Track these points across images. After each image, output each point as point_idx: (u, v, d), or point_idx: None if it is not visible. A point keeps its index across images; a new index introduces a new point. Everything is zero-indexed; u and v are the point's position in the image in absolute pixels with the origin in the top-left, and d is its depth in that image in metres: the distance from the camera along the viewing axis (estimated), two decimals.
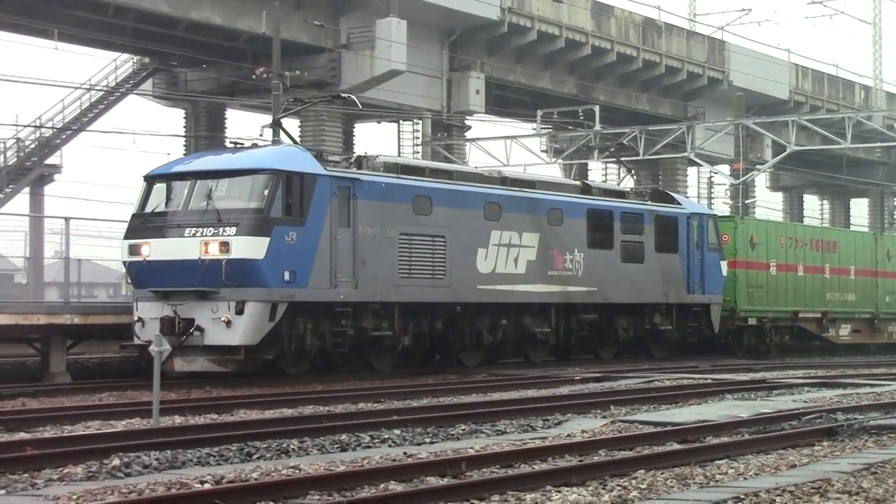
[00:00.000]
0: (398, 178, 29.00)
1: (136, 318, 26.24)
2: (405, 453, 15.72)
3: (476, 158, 54.89)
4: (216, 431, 17.35)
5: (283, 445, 16.11)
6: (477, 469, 14.14)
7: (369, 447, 16.53)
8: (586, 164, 61.89)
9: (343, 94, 33.89)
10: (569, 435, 17.84)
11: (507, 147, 55.54)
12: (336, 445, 16.48)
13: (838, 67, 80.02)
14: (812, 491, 12.43)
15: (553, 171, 57.04)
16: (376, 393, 24.49)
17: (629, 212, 35.85)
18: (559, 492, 12.59)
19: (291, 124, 50.38)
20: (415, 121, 55.29)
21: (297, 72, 44.61)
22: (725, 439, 17.14)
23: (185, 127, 54.27)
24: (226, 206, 25.94)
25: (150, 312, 25.91)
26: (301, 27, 46.65)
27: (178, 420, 19.46)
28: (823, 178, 78.89)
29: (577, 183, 37.21)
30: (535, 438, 17.48)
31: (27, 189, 51.58)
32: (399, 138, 56.70)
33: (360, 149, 52.46)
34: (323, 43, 47.96)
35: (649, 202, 37.34)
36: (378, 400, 23.27)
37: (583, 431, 18.29)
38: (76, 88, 49.62)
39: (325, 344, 27.38)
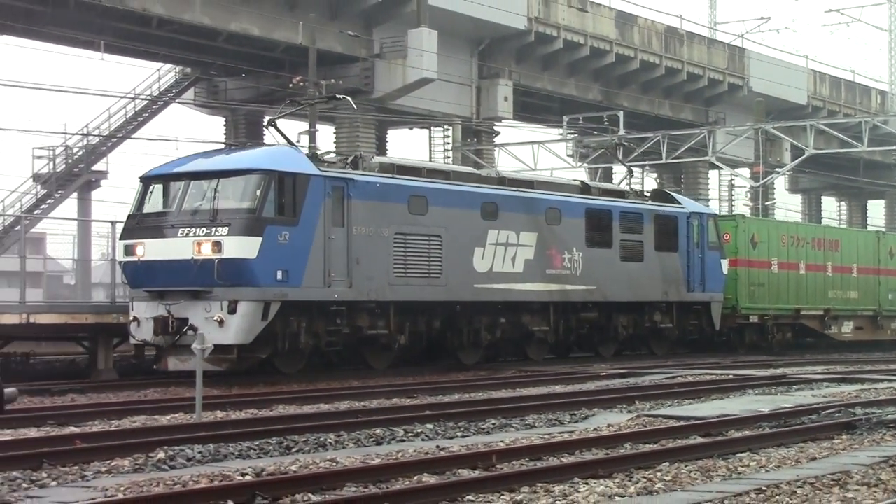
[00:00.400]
0: (393, 178, 28.32)
1: (131, 318, 25.72)
2: (438, 447, 15.71)
3: (504, 163, 54.88)
4: (256, 426, 17.37)
5: (321, 439, 16.13)
6: (507, 462, 14.12)
7: (403, 441, 16.52)
8: (611, 168, 61.72)
9: (338, 96, 32.84)
10: (595, 429, 17.81)
11: (534, 151, 55.66)
12: (371, 439, 16.48)
13: (855, 73, 79.74)
14: (832, 483, 12.39)
15: (579, 174, 56.93)
16: (409, 389, 24.50)
17: (628, 211, 35.07)
18: (587, 484, 12.57)
19: (327, 131, 50.59)
20: (445, 127, 55.30)
21: (333, 80, 44.77)
22: (747, 433, 17.06)
23: (225, 134, 54.36)
24: (218, 206, 25.27)
25: (145, 312, 25.32)
26: (336, 38, 46.71)
27: (219, 415, 19.50)
28: (841, 180, 78.45)
29: (577, 183, 36.41)
30: (563, 432, 17.45)
31: (75, 194, 51.79)
32: (430, 144, 56.77)
33: (392, 154, 52.52)
34: (357, 52, 48.02)
35: (649, 202, 36.68)
36: (411, 396, 23.29)
37: (609, 425, 18.25)
38: (121, 98, 49.87)
39: (319, 343, 26.80)
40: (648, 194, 38.10)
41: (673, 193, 40.51)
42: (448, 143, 55.72)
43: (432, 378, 27.81)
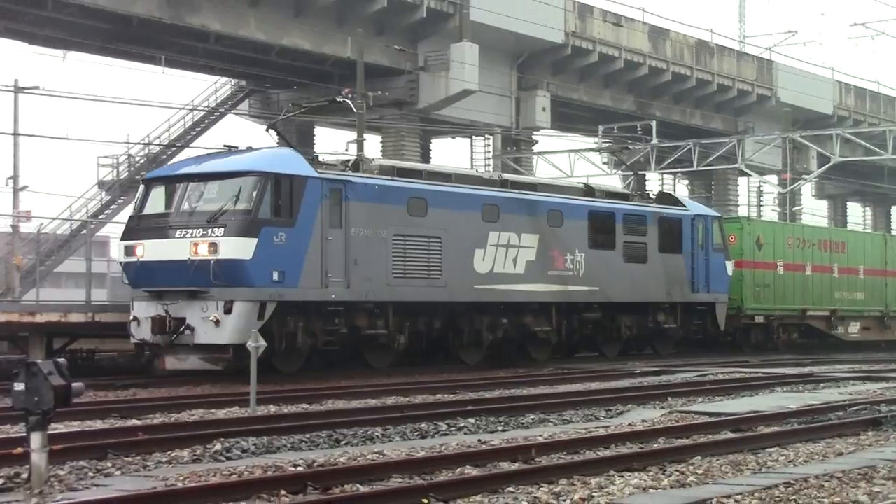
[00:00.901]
0: (392, 180, 27.48)
1: (131, 318, 25.13)
2: (479, 440, 15.71)
3: (542, 170, 54.88)
4: (307, 420, 17.41)
5: (368, 433, 16.14)
6: (546, 455, 14.10)
7: (446, 434, 16.53)
8: (643, 175, 61.48)
9: (338, 99, 31.98)
10: (630, 424, 17.75)
11: (570, 160, 55.58)
12: (416, 433, 16.49)
13: (879, 84, 79.01)
14: (858, 477, 12.30)
15: (613, 181, 56.79)
16: (452, 385, 24.48)
17: (632, 213, 34.05)
18: (622, 476, 12.53)
19: (373, 140, 50.67)
20: (486, 136, 55.30)
21: (379, 92, 44.82)
22: (776, 429, 16.98)
23: (277, 143, 54.43)
24: (215, 207, 24.52)
25: (144, 312, 24.68)
26: (382, 51, 46.79)
27: (272, 409, 19.55)
28: (866, 186, 78.01)
29: (580, 185, 35.53)
30: (599, 427, 17.41)
31: None
32: (472, 152, 56.75)
33: (436, 162, 52.57)
34: (402, 65, 48.08)
35: (652, 204, 35.67)
36: (454, 391, 23.26)
37: (643, 421, 18.19)
38: (180, 109, 50.11)
39: (317, 342, 26.02)
40: (653, 197, 37.23)
41: (678, 196, 39.62)
42: (489, 152, 55.73)
43: (474, 375, 27.78)
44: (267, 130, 27.93)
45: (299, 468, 12.84)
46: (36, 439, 11.39)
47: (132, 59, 45.67)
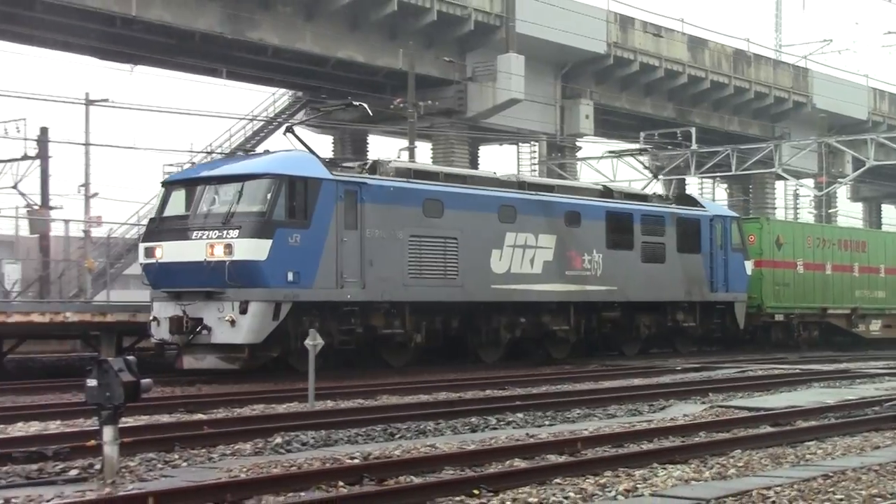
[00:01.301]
0: (407, 182, 26.76)
1: (151, 318, 24.71)
2: (527, 434, 15.69)
3: (586, 175, 54.74)
4: (363, 414, 17.45)
5: (421, 427, 16.17)
6: (591, 448, 14.07)
7: (496, 429, 16.52)
8: (683, 180, 61.27)
9: (354, 103, 30.36)
10: (672, 418, 17.69)
11: (613, 165, 55.37)
12: (467, 427, 16.49)
13: None
14: (895, 470, 12.20)
15: (654, 186, 56.49)
16: (501, 381, 24.46)
17: (650, 214, 33.14)
18: (664, 468, 12.49)
19: (424, 147, 50.73)
20: (532, 143, 55.27)
21: (429, 101, 44.90)
22: (814, 423, 16.86)
23: (332, 151, 54.69)
24: (230, 209, 24.00)
25: (163, 312, 24.25)
26: (432, 63, 46.86)
27: (330, 404, 19.60)
28: None
29: (599, 187, 34.46)
30: (642, 421, 17.36)
31: None
32: (518, 159, 56.74)
33: (485, 168, 52.53)
34: (451, 76, 48.13)
35: (671, 205, 34.85)
36: (503, 387, 23.24)
37: (684, 415, 18.11)
38: (241, 119, 50.38)
39: (333, 342, 24.90)
40: (672, 198, 36.60)
41: (696, 197, 38.79)
42: (534, 158, 55.72)
43: (522, 372, 27.74)
44: (284, 134, 27.30)
45: (356, 460, 12.88)
46: (108, 432, 11.49)
47: (195, 71, 45.97)
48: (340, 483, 11.44)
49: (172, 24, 39.96)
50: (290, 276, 23.90)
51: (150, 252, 24.79)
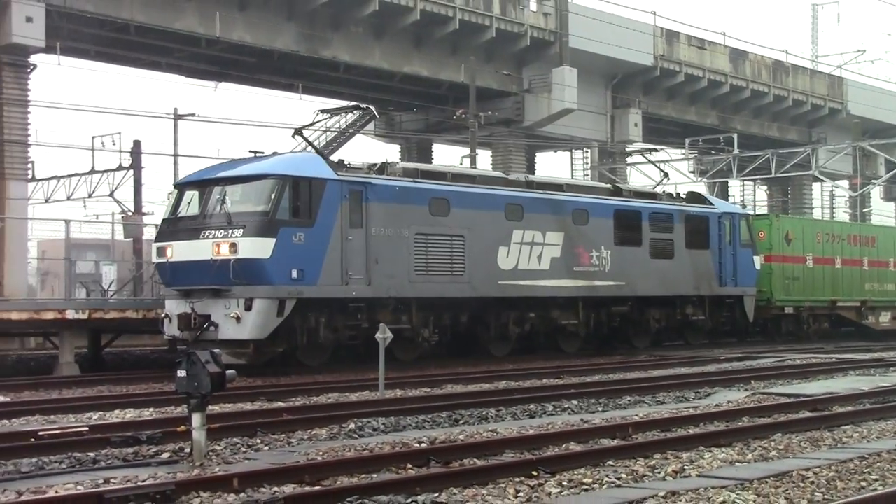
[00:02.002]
0: (413, 181, 25.75)
1: (163, 315, 24.00)
2: (582, 420, 15.69)
3: (635, 179, 54.46)
4: (430, 402, 17.50)
5: (483, 413, 16.20)
6: (641, 432, 14.05)
7: (552, 415, 16.53)
8: (726, 182, 60.79)
9: (362, 106, 29.12)
10: (717, 405, 17.60)
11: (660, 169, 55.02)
12: (526, 413, 16.51)
13: None
14: None
15: (699, 188, 56.11)
16: (557, 370, 24.45)
17: (658, 212, 31.92)
18: (710, 451, 12.43)
19: (485, 155, 50.67)
20: (584, 149, 55.04)
21: (489, 112, 44.91)
22: (850, 408, 16.71)
23: (400, 159, 54.82)
24: (236, 209, 23.20)
25: (174, 309, 23.56)
26: (492, 76, 46.81)
27: (399, 393, 19.69)
28: None
29: (608, 186, 33.27)
30: (689, 407, 17.29)
31: None
32: (572, 164, 56.53)
33: (540, 173, 52.38)
34: (509, 88, 48.04)
35: (680, 203, 33.62)
36: (559, 376, 23.23)
37: (728, 402, 18.02)
38: (315, 130, 50.48)
39: (339, 337, 24.41)
40: (683, 197, 35.22)
41: (706, 195, 37.47)
42: (587, 164, 55.51)
43: (577, 362, 27.69)
44: (293, 136, 26.16)
45: (423, 444, 12.93)
46: (196, 419, 11.62)
47: (273, 87, 46.21)
48: (409, 465, 11.49)
49: (253, 44, 40.22)
50: (295, 274, 23.07)
51: (161, 252, 24.18)
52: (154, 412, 16.74)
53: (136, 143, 38.99)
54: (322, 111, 26.34)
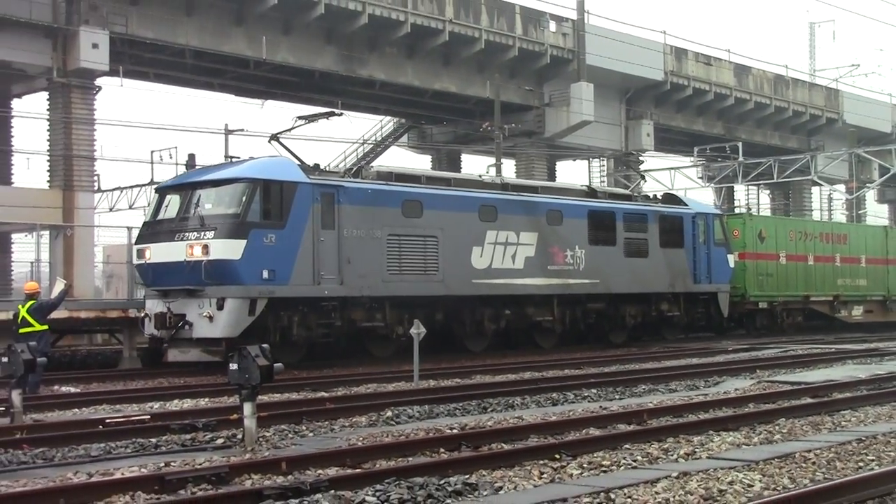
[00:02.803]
0: (386, 184, 24.36)
1: (143, 315, 22.93)
2: (600, 407, 15.63)
3: (648, 186, 54.25)
4: (460, 391, 17.48)
5: (510, 401, 16.17)
6: (656, 418, 13.98)
7: (573, 402, 16.48)
8: (732, 187, 60.49)
9: (337, 112, 26.84)
10: (725, 392, 17.50)
11: (671, 176, 55.01)
12: (548, 401, 16.47)
13: None
14: None
15: (707, 193, 55.94)
16: (577, 362, 24.38)
17: (632, 212, 30.40)
18: (719, 435, 12.38)
19: (509, 164, 50.61)
20: (601, 158, 54.93)
21: (513, 124, 44.90)
22: (848, 395, 16.59)
23: (431, 168, 54.79)
24: (209, 212, 22.11)
25: (153, 308, 22.45)
26: (515, 91, 46.78)
27: (431, 383, 19.67)
28: None
29: (583, 188, 31.22)
30: (699, 395, 17.20)
31: None
32: (589, 172, 56.45)
33: (562, 180, 52.28)
34: (531, 102, 47.99)
35: (654, 204, 32.04)
36: (579, 367, 23.16)
37: (735, 389, 17.91)
38: (353, 143, 50.70)
39: (313, 335, 23.11)
40: (659, 198, 33.76)
41: (681, 197, 35.43)
42: (603, 171, 55.42)
43: (594, 354, 27.58)
44: (269, 142, 24.92)
45: (454, 430, 12.91)
46: (247, 408, 11.65)
47: (315, 104, 46.27)
48: (442, 449, 11.48)
49: (296, 64, 40.36)
50: (266, 274, 21.90)
51: (141, 253, 23.21)
52: (209, 402, 16.81)
53: (191, 157, 39.21)
54: (299, 117, 25.18)
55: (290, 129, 24.98)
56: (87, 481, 9.76)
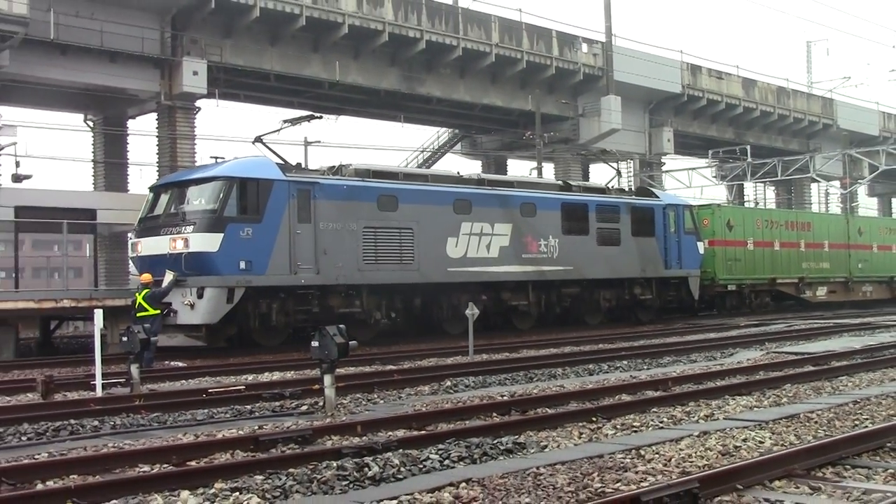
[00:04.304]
0: (362, 180, 23.15)
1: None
2: (631, 376, 15.54)
3: (669, 184, 53.77)
4: (509, 364, 17.47)
5: (553, 372, 16.14)
6: (679, 385, 13.88)
7: (607, 372, 16.40)
8: (742, 184, 59.71)
9: (317, 115, 24.99)
10: (738, 362, 17.33)
11: (689, 175, 54.56)
12: (586, 371, 16.40)
13: None
14: None
15: (720, 191, 55.31)
16: (611, 337, 24.26)
17: (605, 204, 28.88)
18: (734, 399, 12.26)
19: (548, 167, 50.36)
20: (628, 161, 54.54)
21: (551, 133, 44.68)
22: (845, 363, 16.36)
23: (481, 172, 54.58)
24: (190, 208, 21.26)
25: None
26: (553, 104, 46.53)
27: (484, 357, 19.67)
28: None
29: (558, 182, 29.58)
30: (716, 364, 17.04)
31: None
32: (618, 172, 55.89)
33: (595, 180, 51.90)
34: (567, 113, 47.70)
35: (626, 196, 30.35)
36: (611, 342, 23.04)
37: (748, 359, 17.74)
38: (413, 151, 50.75)
39: (291, 321, 22.07)
40: (632, 191, 32.37)
41: (653, 189, 34.02)
42: (630, 172, 55.02)
43: (626, 330, 27.42)
44: (253, 143, 23.68)
45: (505, 398, 12.90)
46: (327, 379, 11.71)
47: (381, 118, 46.43)
48: (494, 414, 11.47)
49: (364, 84, 40.45)
50: (243, 265, 20.94)
51: (134, 247, 22.55)
52: (295, 374, 16.92)
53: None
54: (285, 120, 24.19)
55: (275, 131, 24.07)
56: (194, 441, 9.87)
